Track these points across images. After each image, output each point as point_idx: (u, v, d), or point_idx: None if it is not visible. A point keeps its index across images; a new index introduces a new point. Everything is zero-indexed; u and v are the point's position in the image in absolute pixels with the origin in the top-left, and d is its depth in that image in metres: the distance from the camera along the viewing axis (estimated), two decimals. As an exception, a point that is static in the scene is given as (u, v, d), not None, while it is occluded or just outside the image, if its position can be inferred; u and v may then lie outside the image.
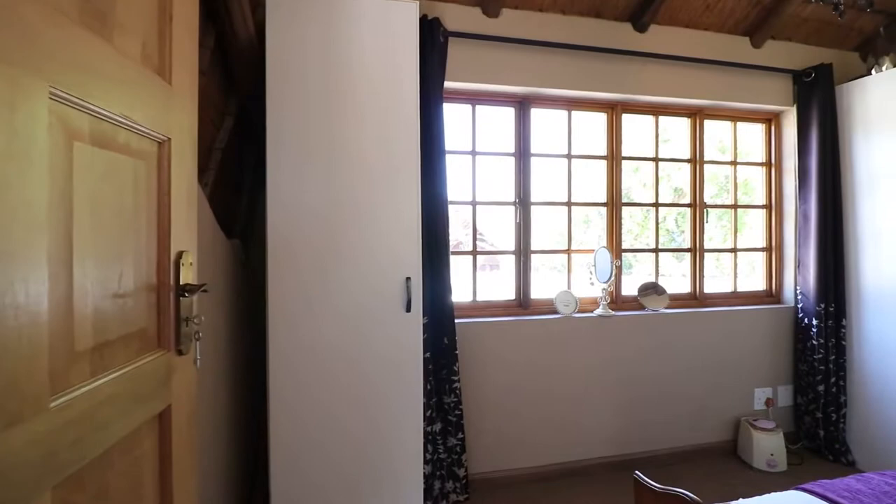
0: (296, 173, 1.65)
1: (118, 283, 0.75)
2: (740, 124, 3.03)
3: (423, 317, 2.13)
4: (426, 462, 2.16)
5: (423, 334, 2.13)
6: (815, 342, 2.76)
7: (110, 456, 0.73)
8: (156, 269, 0.86)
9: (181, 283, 0.90)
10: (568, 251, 2.72)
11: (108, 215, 0.74)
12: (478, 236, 2.64)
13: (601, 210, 2.78)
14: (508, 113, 2.64)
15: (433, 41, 2.20)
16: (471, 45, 2.39)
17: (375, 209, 1.72)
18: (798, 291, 2.87)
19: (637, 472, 1.31)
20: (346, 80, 1.70)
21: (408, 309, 1.72)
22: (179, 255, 0.90)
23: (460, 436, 2.26)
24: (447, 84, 2.35)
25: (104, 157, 0.73)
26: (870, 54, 2.90)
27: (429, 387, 2.19)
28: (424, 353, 2.16)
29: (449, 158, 2.35)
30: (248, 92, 1.83)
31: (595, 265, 2.66)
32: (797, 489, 1.38)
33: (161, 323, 0.86)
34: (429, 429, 2.18)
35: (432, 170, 2.23)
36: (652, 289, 2.77)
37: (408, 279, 1.73)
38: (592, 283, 2.67)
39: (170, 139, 0.88)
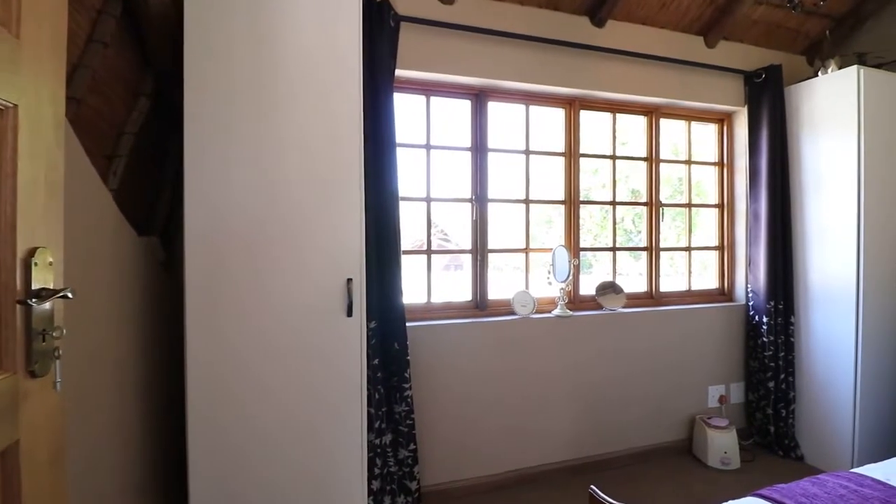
0: (220, 163, 1.47)
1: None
2: (694, 124, 3.05)
3: (371, 321, 1.98)
4: (375, 477, 2.01)
5: (371, 339, 1.99)
6: (765, 339, 2.80)
7: None
8: (-7, 270, 0.67)
9: (33, 287, 0.72)
10: (526, 250, 2.64)
11: None
12: (442, 235, 2.51)
13: (562, 209, 2.71)
14: (465, 106, 2.53)
15: (382, 25, 2.05)
16: (425, 32, 2.26)
17: (312, 204, 1.55)
18: (749, 289, 2.91)
19: (592, 486, 1.22)
20: (279, 61, 1.53)
21: (349, 313, 1.57)
22: (32, 252, 0.72)
23: (412, 447, 2.12)
24: (399, 72, 2.21)
25: None
26: (816, 57, 2.98)
27: (377, 396, 2.04)
28: (373, 359, 2.01)
29: (401, 152, 2.21)
30: (167, 70, 1.62)
31: (553, 264, 2.58)
32: (754, 495, 1.33)
33: (2, 338, 0.68)
34: (378, 441, 2.03)
35: (382, 163, 2.08)
36: (610, 288, 2.73)
37: (349, 280, 1.57)
38: (550, 283, 2.60)
39: (16, 107, 0.70)
